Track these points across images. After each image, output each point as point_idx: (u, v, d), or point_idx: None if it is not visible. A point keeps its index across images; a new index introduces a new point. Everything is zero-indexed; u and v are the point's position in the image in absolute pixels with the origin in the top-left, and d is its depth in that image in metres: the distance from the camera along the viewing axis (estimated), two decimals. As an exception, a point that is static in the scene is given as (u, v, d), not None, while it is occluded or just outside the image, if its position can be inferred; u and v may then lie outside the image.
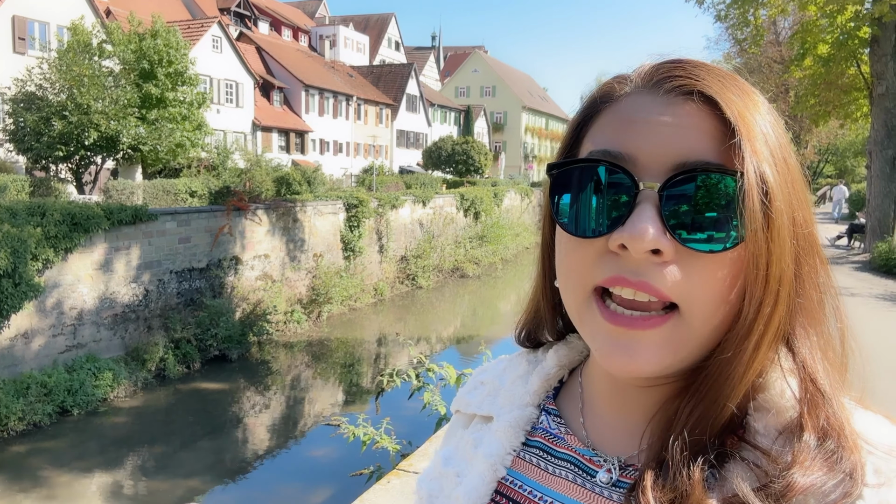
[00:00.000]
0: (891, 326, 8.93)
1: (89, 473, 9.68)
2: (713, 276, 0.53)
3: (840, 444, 0.51)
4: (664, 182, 0.53)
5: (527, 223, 32.45)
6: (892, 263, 14.14)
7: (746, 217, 0.51)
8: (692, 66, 0.57)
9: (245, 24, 41.50)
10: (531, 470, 0.67)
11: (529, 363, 0.76)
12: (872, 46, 16.29)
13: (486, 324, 19.47)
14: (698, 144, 0.53)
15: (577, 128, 0.62)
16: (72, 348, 11.82)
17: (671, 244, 0.52)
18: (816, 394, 0.53)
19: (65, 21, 20.88)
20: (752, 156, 0.52)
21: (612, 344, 0.55)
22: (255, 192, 17.17)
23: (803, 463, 0.50)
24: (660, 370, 0.54)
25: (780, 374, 0.56)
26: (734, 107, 0.54)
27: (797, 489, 0.49)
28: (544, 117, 72.57)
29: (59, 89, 17.12)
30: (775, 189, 0.53)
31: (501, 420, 0.71)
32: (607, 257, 0.55)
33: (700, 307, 0.53)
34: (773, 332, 0.54)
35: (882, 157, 16.41)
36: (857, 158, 48.81)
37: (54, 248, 11.27)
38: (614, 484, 0.60)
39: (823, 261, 0.58)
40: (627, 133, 0.56)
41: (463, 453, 0.73)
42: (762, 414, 0.55)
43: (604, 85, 0.62)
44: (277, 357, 15.23)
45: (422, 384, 4.43)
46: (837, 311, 0.58)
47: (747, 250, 0.52)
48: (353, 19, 60.11)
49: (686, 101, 0.55)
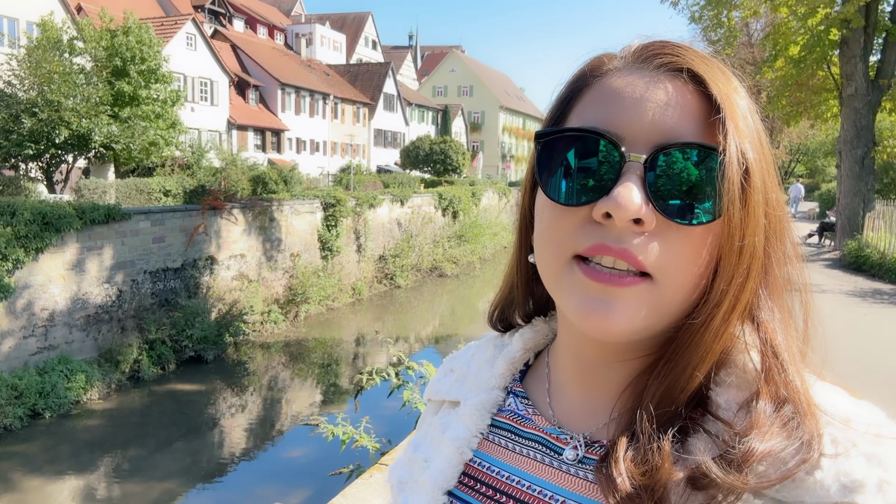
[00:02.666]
0: (859, 321, 9.13)
1: (62, 477, 9.51)
2: (690, 247, 0.54)
3: (797, 410, 0.53)
4: (649, 155, 0.54)
5: (505, 222, 32.55)
6: (861, 260, 14.45)
7: (726, 191, 0.53)
8: (679, 46, 0.59)
9: (220, 22, 41.03)
10: (498, 451, 0.68)
11: (496, 348, 0.77)
12: (842, 48, 16.63)
13: (465, 322, 19.49)
14: (684, 120, 0.55)
15: (564, 99, 0.63)
16: (43, 350, 11.60)
17: (653, 215, 0.54)
18: (776, 363, 0.55)
19: (34, 17, 20.45)
20: (735, 133, 0.54)
21: (589, 301, 0.55)
22: (230, 192, 16.98)
23: (761, 429, 0.51)
24: (631, 331, 0.55)
25: (743, 349, 0.58)
26: (720, 86, 0.56)
27: (756, 455, 0.50)
28: (521, 117, 72.84)
29: (28, 86, 16.77)
30: (754, 166, 0.55)
31: (468, 404, 0.72)
32: (590, 226, 0.56)
33: (674, 277, 0.55)
34: (743, 304, 0.56)
35: (851, 156, 16.75)
36: (827, 158, 49.79)
37: (25, 247, 11.05)
38: (580, 461, 0.61)
39: (792, 241, 0.60)
40: (616, 106, 0.57)
41: (431, 439, 0.74)
42: (724, 388, 0.56)
43: (592, 59, 0.62)
44: (254, 358, 15.09)
45: (401, 382, 4.41)
46: (802, 287, 0.60)
47: (724, 224, 0.54)
48: (330, 17, 59.76)
49: (674, 78, 0.57)
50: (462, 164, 38.71)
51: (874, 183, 17.76)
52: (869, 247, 14.82)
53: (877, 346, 7.57)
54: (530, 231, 0.66)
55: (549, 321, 0.75)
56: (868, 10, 15.85)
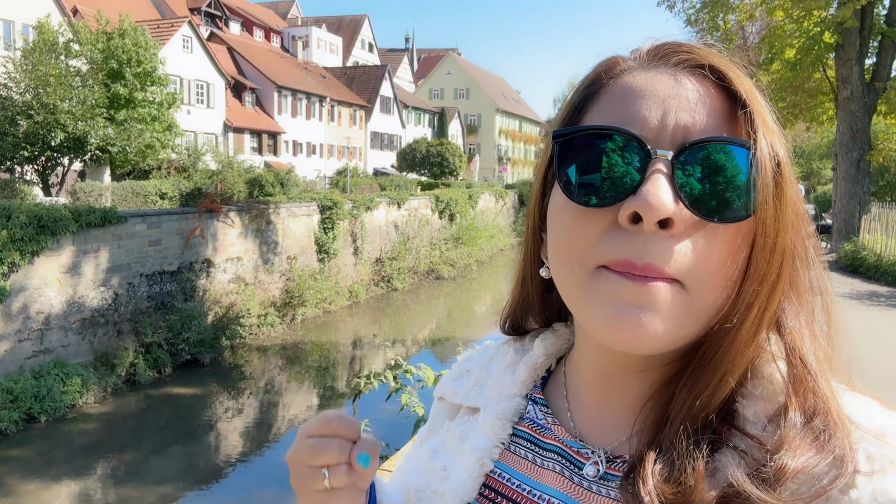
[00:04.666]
0: (857, 323, 9.14)
1: (58, 481, 9.46)
2: (720, 248, 0.52)
3: (827, 423, 0.50)
4: (676, 152, 0.52)
5: (501, 225, 32.57)
6: (857, 263, 14.48)
7: (759, 188, 0.51)
8: (694, 45, 0.58)
9: (216, 25, 40.99)
10: (519, 462, 0.66)
11: (517, 352, 0.74)
12: (837, 51, 16.69)
13: (462, 325, 19.49)
14: (709, 116, 0.53)
15: (579, 101, 0.60)
16: (39, 354, 11.55)
17: (683, 214, 0.51)
18: (804, 371, 0.53)
19: (30, 20, 20.41)
20: (764, 128, 0.53)
21: (622, 311, 0.52)
22: (227, 194, 16.95)
23: (791, 443, 0.49)
24: (665, 343, 0.53)
25: (769, 359, 0.56)
26: (744, 82, 0.55)
27: (789, 472, 0.48)
28: (518, 120, 72.91)
29: (24, 89, 16.72)
30: (785, 161, 0.53)
31: (489, 412, 0.69)
32: (613, 233, 0.53)
33: (705, 281, 0.52)
34: (774, 306, 0.54)
35: (847, 159, 16.81)
36: (822, 161, 49.91)
37: (20, 251, 11.01)
38: (602, 477, 0.59)
39: (814, 242, 0.58)
40: (637, 103, 0.55)
41: (450, 446, 0.71)
42: (751, 401, 0.54)
43: (605, 61, 0.61)
44: (251, 361, 15.05)
45: (399, 386, 4.39)
46: (824, 290, 0.58)
47: (757, 221, 0.52)
48: (326, 20, 59.76)
49: (695, 74, 0.55)
50: (459, 166, 38.73)
51: (870, 185, 17.84)
52: (865, 249, 14.85)
53: (875, 348, 7.58)
54: (541, 242, 0.64)
55: (570, 325, 0.72)
56: (863, 13, 15.92)
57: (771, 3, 17.13)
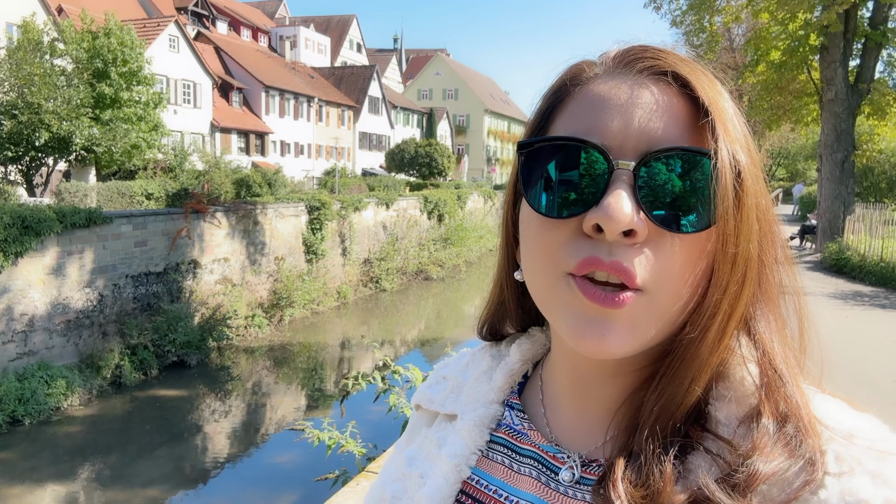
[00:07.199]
0: (841, 323, 9.23)
1: (42, 485, 9.36)
2: (683, 256, 0.52)
3: (798, 427, 0.51)
4: (638, 162, 0.52)
5: (490, 225, 32.59)
6: (842, 263, 14.63)
7: (720, 197, 0.51)
8: (660, 50, 0.57)
9: (203, 24, 40.76)
10: (496, 469, 0.66)
11: (493, 358, 0.74)
12: (822, 53, 16.86)
13: (451, 326, 19.48)
14: (671, 125, 0.53)
15: (546, 109, 0.61)
16: (23, 356, 11.42)
17: (645, 225, 0.51)
18: (775, 377, 0.53)
19: (15, 18, 20.19)
20: (725, 136, 0.53)
21: (584, 322, 0.53)
22: (214, 195, 16.84)
23: (764, 449, 0.50)
24: (628, 350, 0.53)
25: (740, 362, 0.56)
26: (706, 89, 0.54)
27: (760, 478, 0.49)
28: (506, 120, 73.04)
29: (8, 88, 16.53)
30: (746, 170, 0.53)
31: (466, 419, 0.69)
32: (579, 240, 0.53)
33: (669, 288, 0.52)
34: (739, 314, 0.54)
35: (832, 160, 16.98)
36: (808, 162, 50.38)
37: (3, 252, 10.89)
38: (577, 481, 0.60)
39: (783, 246, 0.58)
40: (600, 113, 0.55)
41: (426, 453, 0.71)
42: (723, 403, 0.54)
43: (572, 67, 0.60)
44: (238, 362, 14.97)
45: (387, 387, 4.38)
46: (796, 295, 0.59)
47: (718, 231, 0.52)
48: (314, 20, 59.57)
49: (658, 82, 0.55)
50: (447, 167, 38.72)
51: (854, 186, 18.01)
52: (849, 249, 15.01)
53: (858, 348, 7.66)
54: (515, 246, 0.64)
55: (546, 330, 0.72)
56: (847, 15, 16.08)
57: (756, 5, 17.26)
